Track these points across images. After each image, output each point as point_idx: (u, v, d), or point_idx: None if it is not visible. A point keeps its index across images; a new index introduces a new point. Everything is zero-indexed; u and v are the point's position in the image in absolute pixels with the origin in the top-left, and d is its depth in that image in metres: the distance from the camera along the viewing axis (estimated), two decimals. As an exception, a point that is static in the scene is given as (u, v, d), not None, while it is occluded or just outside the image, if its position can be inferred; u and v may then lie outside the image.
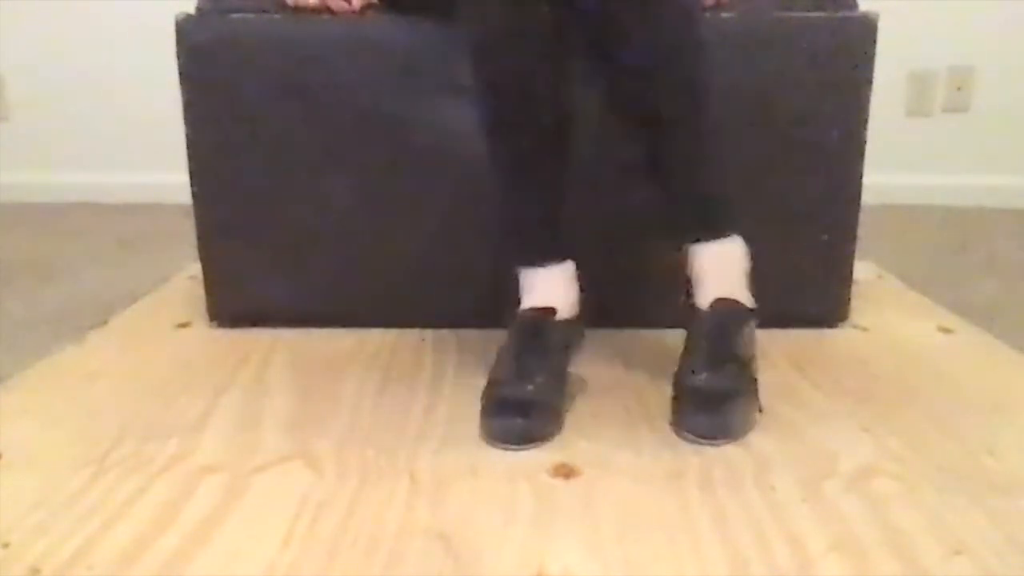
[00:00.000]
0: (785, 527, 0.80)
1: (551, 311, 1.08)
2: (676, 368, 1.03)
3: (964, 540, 0.78)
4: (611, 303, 1.32)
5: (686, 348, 1.04)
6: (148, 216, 2.27)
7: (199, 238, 1.33)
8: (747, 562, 0.75)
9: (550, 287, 1.11)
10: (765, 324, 1.31)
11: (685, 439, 0.97)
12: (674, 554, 0.76)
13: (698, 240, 1.08)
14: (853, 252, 1.33)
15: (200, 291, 1.36)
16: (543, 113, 1.07)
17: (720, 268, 1.08)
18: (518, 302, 1.12)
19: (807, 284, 1.33)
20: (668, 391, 1.08)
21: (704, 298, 1.06)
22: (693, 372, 1.00)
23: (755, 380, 1.03)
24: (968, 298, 1.54)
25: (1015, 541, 0.78)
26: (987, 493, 0.86)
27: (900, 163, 2.40)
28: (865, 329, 1.34)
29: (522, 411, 0.97)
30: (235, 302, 1.35)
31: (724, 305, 1.05)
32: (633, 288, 1.32)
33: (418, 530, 0.80)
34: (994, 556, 0.75)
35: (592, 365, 1.19)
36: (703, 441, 0.96)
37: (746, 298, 1.08)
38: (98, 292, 1.60)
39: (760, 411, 1.01)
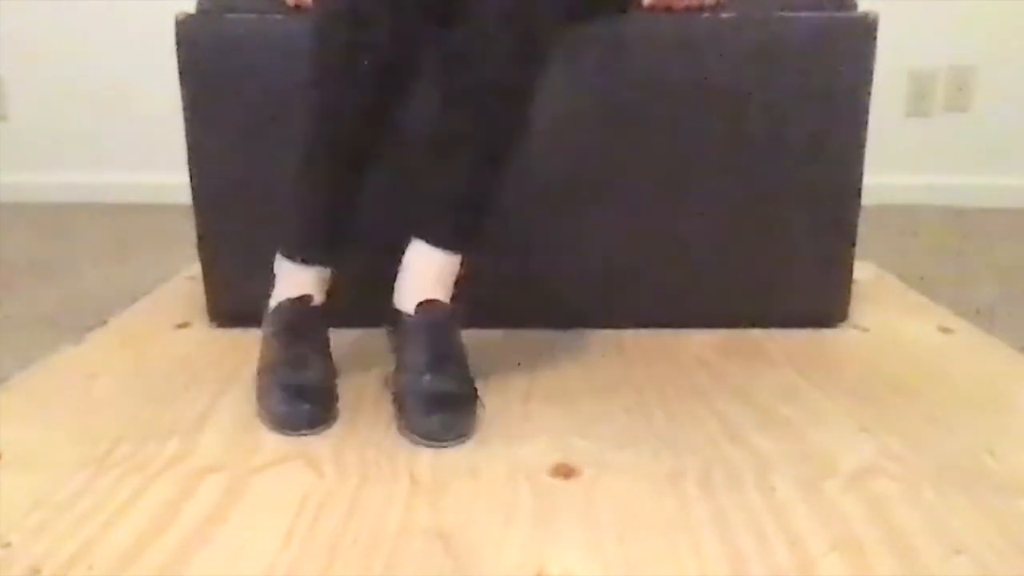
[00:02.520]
0: (785, 527, 0.80)
1: (309, 298, 1.11)
2: (393, 369, 1.05)
3: (964, 540, 0.78)
4: (611, 304, 1.33)
5: (401, 347, 1.05)
6: (148, 216, 2.27)
7: (199, 238, 1.33)
8: (747, 562, 0.75)
9: (305, 280, 1.12)
10: (765, 324, 1.32)
11: (415, 442, 0.97)
12: (674, 554, 0.76)
13: (426, 239, 1.07)
14: (853, 252, 1.33)
15: (200, 291, 1.36)
16: (365, 106, 1.07)
17: (429, 272, 1.08)
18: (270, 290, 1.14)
19: (807, 284, 1.33)
20: (667, 391, 1.09)
21: (405, 299, 1.07)
22: (418, 374, 1.01)
23: (472, 379, 1.03)
24: (968, 298, 1.54)
25: (1015, 541, 0.78)
26: (987, 493, 0.86)
27: (900, 163, 2.40)
28: (865, 329, 1.34)
29: (306, 397, 1.01)
30: (235, 302, 1.35)
31: (432, 307, 1.06)
32: (632, 289, 1.32)
33: (418, 530, 0.80)
34: (994, 556, 0.75)
35: (592, 365, 1.19)
36: (435, 444, 0.96)
37: (447, 299, 1.08)
38: (98, 292, 1.60)
39: (483, 407, 1.02)
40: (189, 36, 1.27)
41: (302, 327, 1.09)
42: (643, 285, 1.32)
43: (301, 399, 1.01)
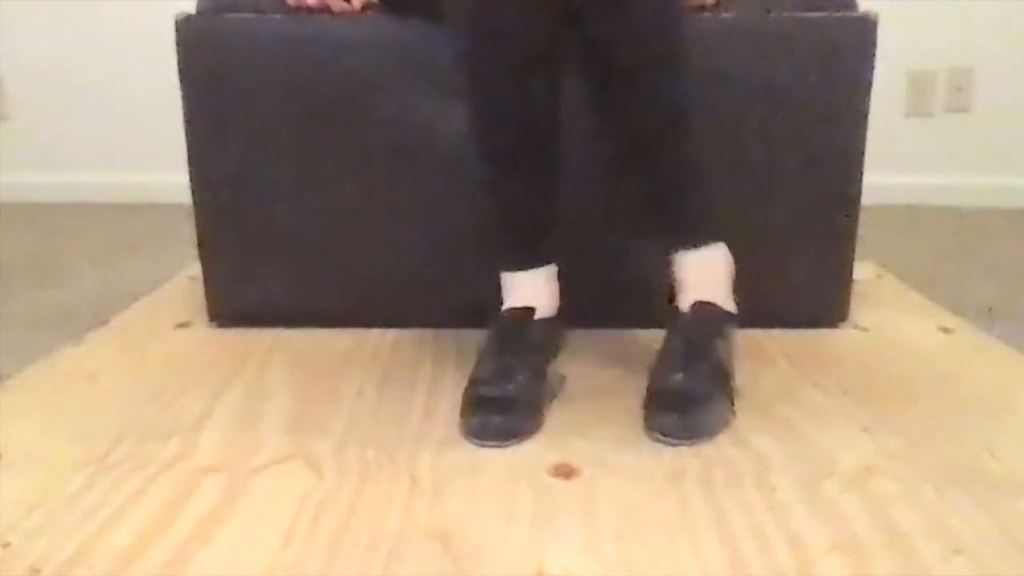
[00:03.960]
0: (785, 527, 0.80)
1: (531, 311, 1.10)
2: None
3: (964, 540, 0.78)
4: (612, 304, 1.33)
5: (663, 349, 1.05)
6: (148, 216, 2.27)
7: (199, 238, 1.33)
8: (747, 562, 0.75)
9: (530, 289, 1.12)
10: (765, 324, 1.32)
11: (655, 439, 0.97)
12: (674, 554, 0.76)
13: (680, 248, 1.09)
14: (853, 252, 1.33)
15: (200, 291, 1.36)
16: (531, 115, 1.07)
17: (702, 275, 1.09)
18: (500, 303, 1.13)
19: (807, 284, 1.33)
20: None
21: (685, 302, 1.07)
22: (668, 372, 1.01)
23: (730, 383, 1.03)
24: (968, 298, 1.54)
25: (1015, 541, 0.78)
26: (987, 493, 0.86)
27: (900, 163, 2.40)
28: (865, 329, 1.34)
29: (502, 409, 0.98)
30: (235, 302, 1.35)
31: (703, 308, 1.06)
32: (634, 289, 1.32)
33: (418, 530, 0.80)
34: (994, 556, 0.75)
35: (591, 365, 1.19)
36: (671, 441, 0.96)
37: (727, 303, 1.09)
38: (98, 292, 1.60)
39: (733, 415, 1.01)
40: (189, 36, 1.27)
41: (514, 340, 1.07)
42: (643, 285, 1.31)
43: (496, 411, 0.98)
